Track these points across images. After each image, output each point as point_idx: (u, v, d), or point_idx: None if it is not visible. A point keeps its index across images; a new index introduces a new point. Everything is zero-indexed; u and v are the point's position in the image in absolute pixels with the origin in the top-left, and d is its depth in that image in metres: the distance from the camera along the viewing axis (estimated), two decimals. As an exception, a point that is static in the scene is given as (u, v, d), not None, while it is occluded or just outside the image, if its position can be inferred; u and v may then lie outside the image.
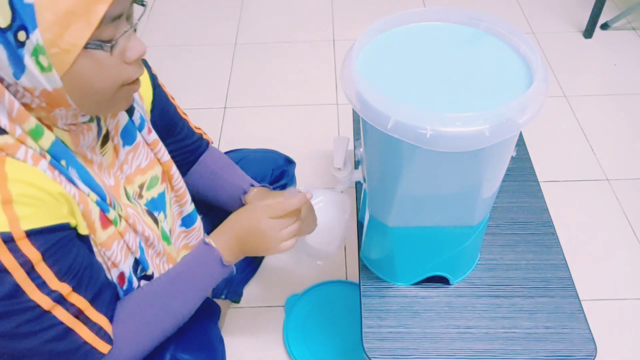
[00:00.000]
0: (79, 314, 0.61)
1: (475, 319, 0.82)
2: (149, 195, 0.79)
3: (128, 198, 0.74)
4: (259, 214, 0.78)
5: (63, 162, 0.61)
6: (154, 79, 0.83)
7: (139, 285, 0.74)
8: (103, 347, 0.64)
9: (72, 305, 0.61)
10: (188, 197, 0.87)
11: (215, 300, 1.17)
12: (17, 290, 0.56)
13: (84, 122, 0.65)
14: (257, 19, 2.18)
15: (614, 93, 1.79)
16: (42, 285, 0.58)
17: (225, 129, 1.69)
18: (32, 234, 0.56)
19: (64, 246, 0.60)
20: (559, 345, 0.78)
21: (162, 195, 0.81)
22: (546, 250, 0.90)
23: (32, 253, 0.56)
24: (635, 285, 1.28)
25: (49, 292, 0.58)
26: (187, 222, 0.88)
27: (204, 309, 0.96)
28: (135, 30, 0.60)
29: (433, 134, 0.58)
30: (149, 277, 0.76)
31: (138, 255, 0.72)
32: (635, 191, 1.48)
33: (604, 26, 2.03)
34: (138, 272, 0.74)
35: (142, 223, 0.73)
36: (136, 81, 0.64)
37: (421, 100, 0.64)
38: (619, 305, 1.24)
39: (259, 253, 0.79)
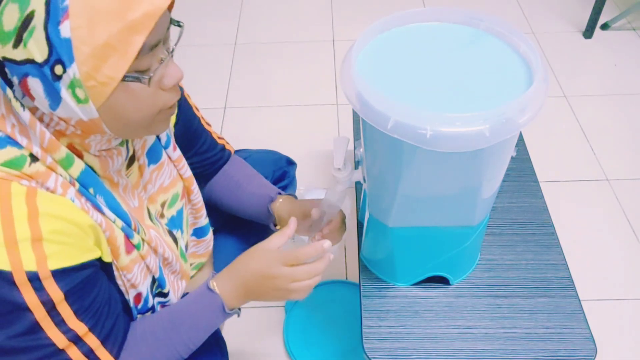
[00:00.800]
0: (89, 354, 0.61)
1: (475, 319, 0.82)
2: (169, 213, 0.79)
3: (150, 219, 0.74)
4: (270, 261, 0.71)
5: (91, 190, 0.61)
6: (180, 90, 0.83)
7: (153, 304, 0.74)
8: None
9: (85, 344, 0.60)
10: (204, 212, 0.87)
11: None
12: (35, 327, 0.56)
13: (114, 147, 0.65)
14: (257, 19, 2.18)
15: (614, 93, 1.79)
16: (60, 323, 0.57)
17: (225, 129, 1.69)
18: (58, 274, 0.56)
19: (87, 284, 0.60)
20: (559, 345, 0.78)
21: (180, 212, 0.81)
22: (546, 250, 0.90)
23: (55, 292, 0.56)
24: (635, 285, 1.28)
25: (66, 331, 0.58)
26: (198, 233, 0.88)
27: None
28: (172, 56, 0.59)
29: (433, 134, 0.58)
30: (164, 294, 0.76)
31: (157, 275, 0.72)
32: (635, 191, 1.48)
33: (604, 26, 2.03)
34: (154, 289, 0.74)
35: (163, 245, 0.73)
36: (173, 105, 0.63)
37: (421, 100, 0.64)
38: (619, 305, 1.24)
39: (266, 300, 0.74)
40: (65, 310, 0.58)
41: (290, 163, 1.15)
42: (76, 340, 0.59)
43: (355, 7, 2.20)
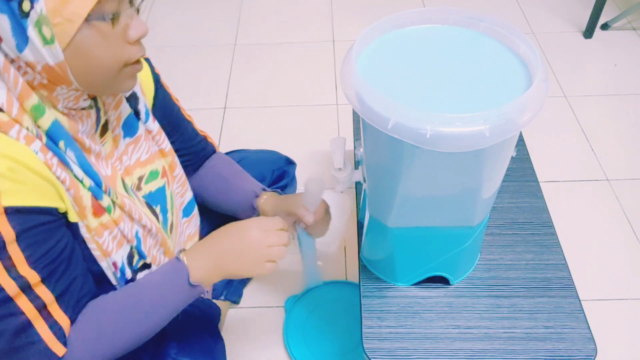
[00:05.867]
0: (41, 309, 0.59)
1: (475, 319, 0.82)
2: (147, 188, 0.78)
3: (125, 190, 0.73)
4: (247, 224, 0.73)
5: (61, 144, 0.61)
6: (156, 78, 0.83)
7: (132, 278, 0.72)
8: (59, 349, 0.60)
9: (37, 297, 0.58)
10: (188, 185, 0.87)
11: (215, 301, 1.17)
12: None
13: (83, 108, 0.65)
14: (256, 19, 2.18)
15: (614, 93, 1.79)
16: (10, 268, 0.55)
17: (225, 129, 1.69)
18: (10, 212, 0.54)
19: (43, 232, 0.58)
20: (559, 345, 0.78)
21: (161, 190, 0.80)
22: (546, 250, 0.90)
23: (7, 231, 0.54)
24: (635, 285, 1.28)
25: (16, 277, 0.56)
26: (187, 210, 0.88)
27: (204, 311, 0.95)
28: (137, 11, 0.61)
29: (433, 134, 0.58)
30: (148, 266, 0.74)
31: (134, 244, 0.71)
32: (635, 191, 1.48)
33: (604, 26, 2.03)
34: (134, 263, 0.72)
35: (139, 212, 0.72)
36: (139, 61, 0.64)
37: (421, 100, 0.64)
38: (619, 305, 1.24)
39: (240, 271, 0.72)
40: (17, 255, 0.55)
41: (290, 163, 1.15)
42: (27, 289, 0.56)
43: (355, 7, 2.20)
